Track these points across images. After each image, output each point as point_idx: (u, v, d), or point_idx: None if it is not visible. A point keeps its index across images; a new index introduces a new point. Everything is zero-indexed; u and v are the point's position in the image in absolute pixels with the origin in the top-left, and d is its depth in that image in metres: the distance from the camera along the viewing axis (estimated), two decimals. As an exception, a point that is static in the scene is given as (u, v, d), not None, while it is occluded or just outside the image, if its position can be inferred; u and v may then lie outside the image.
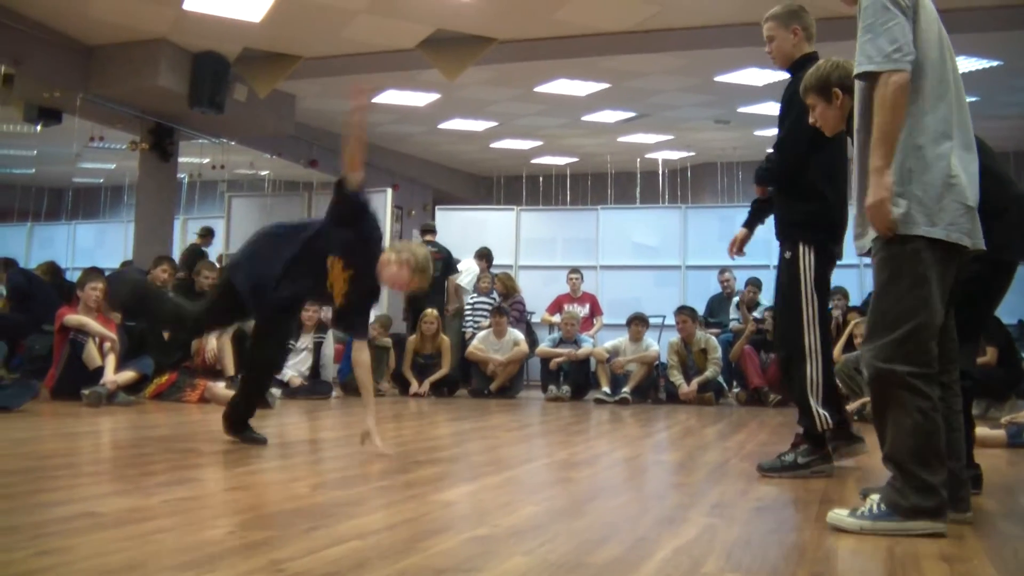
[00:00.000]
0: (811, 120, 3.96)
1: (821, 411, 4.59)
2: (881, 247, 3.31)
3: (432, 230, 13.36)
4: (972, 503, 3.69)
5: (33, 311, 9.50)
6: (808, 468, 4.62)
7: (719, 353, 10.70)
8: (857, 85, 3.39)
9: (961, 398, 3.51)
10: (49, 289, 10.19)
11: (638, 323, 10.92)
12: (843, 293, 10.76)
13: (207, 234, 14.79)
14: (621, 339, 11.04)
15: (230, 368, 9.02)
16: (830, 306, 11.00)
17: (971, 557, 2.91)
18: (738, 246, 5.31)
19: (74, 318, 8.18)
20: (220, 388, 8.43)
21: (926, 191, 3.22)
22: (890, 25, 3.19)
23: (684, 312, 10.87)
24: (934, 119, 3.27)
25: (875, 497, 3.29)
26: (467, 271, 13.03)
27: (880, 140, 3.20)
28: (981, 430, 5.52)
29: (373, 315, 11.33)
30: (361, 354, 5.24)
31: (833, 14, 5.92)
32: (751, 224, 5.32)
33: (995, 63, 11.25)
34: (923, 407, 3.21)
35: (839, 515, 3.29)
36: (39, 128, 13.58)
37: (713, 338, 10.89)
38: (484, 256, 12.99)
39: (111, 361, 8.13)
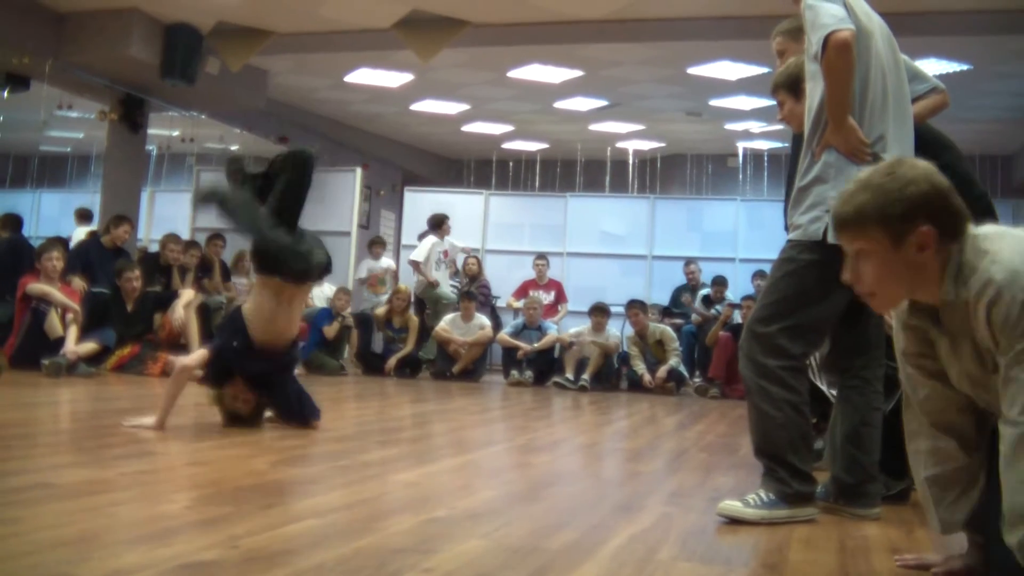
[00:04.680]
0: (779, 117, 3.97)
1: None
2: (788, 248, 3.44)
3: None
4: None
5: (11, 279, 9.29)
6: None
7: (676, 343, 10.87)
8: (808, 86, 3.45)
9: (881, 395, 3.58)
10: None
11: (599, 314, 11.01)
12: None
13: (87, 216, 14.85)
14: (583, 327, 11.10)
15: (195, 342, 8.95)
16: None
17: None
18: None
19: (37, 287, 8.12)
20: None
21: None
22: (829, 4, 3.25)
23: (635, 306, 11.02)
24: (875, 130, 3.35)
25: (759, 490, 3.37)
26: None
27: (833, 109, 3.30)
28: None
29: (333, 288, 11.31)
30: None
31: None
32: None
33: (964, 67, 11.31)
34: (792, 400, 3.34)
35: (734, 506, 3.30)
36: (6, 94, 13.42)
37: (668, 329, 11.06)
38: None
39: (73, 332, 8.07)
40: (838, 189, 3.28)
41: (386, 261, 13.23)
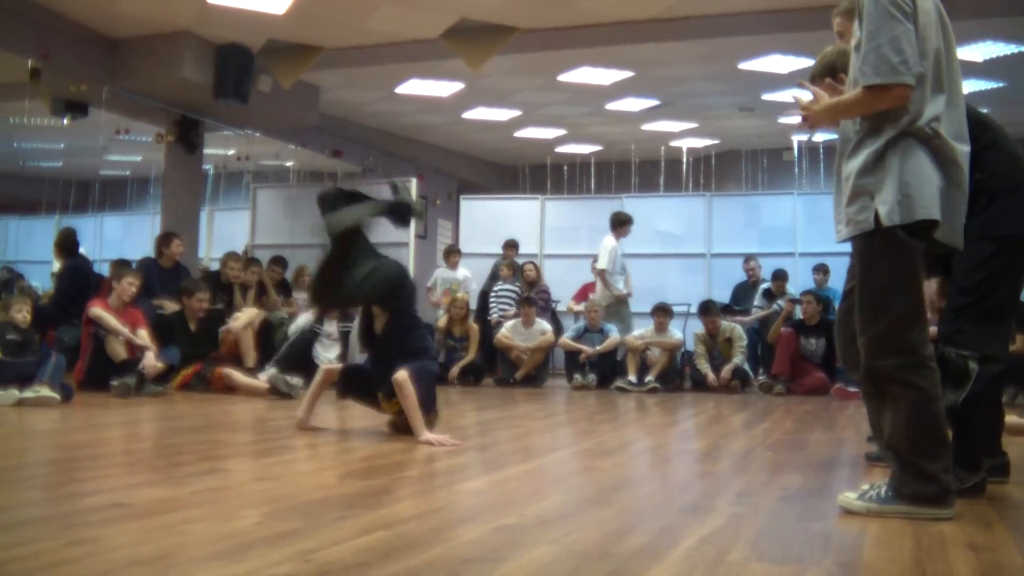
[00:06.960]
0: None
1: None
2: (856, 243, 3.38)
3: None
4: (998, 492, 3.69)
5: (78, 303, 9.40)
6: None
7: (745, 341, 10.79)
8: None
9: None
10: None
11: (661, 314, 10.94)
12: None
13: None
14: (646, 329, 11.05)
15: (250, 359, 9.05)
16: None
17: (999, 546, 2.90)
18: None
19: (93, 312, 8.14)
20: (240, 376, 8.47)
21: (907, 181, 3.23)
22: (896, 34, 3.18)
23: (710, 312, 10.92)
24: (929, 112, 3.29)
25: (881, 483, 3.35)
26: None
27: (835, 111, 3.43)
28: (1010, 418, 5.49)
29: None
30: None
31: None
32: None
33: (1022, 48, 11.14)
34: (915, 399, 3.25)
35: (848, 497, 3.36)
36: (66, 121, 13.66)
37: (738, 327, 10.96)
38: (513, 245, 13.10)
39: (149, 344, 8.14)
40: (876, 177, 3.26)
41: (462, 272, 13.17)
